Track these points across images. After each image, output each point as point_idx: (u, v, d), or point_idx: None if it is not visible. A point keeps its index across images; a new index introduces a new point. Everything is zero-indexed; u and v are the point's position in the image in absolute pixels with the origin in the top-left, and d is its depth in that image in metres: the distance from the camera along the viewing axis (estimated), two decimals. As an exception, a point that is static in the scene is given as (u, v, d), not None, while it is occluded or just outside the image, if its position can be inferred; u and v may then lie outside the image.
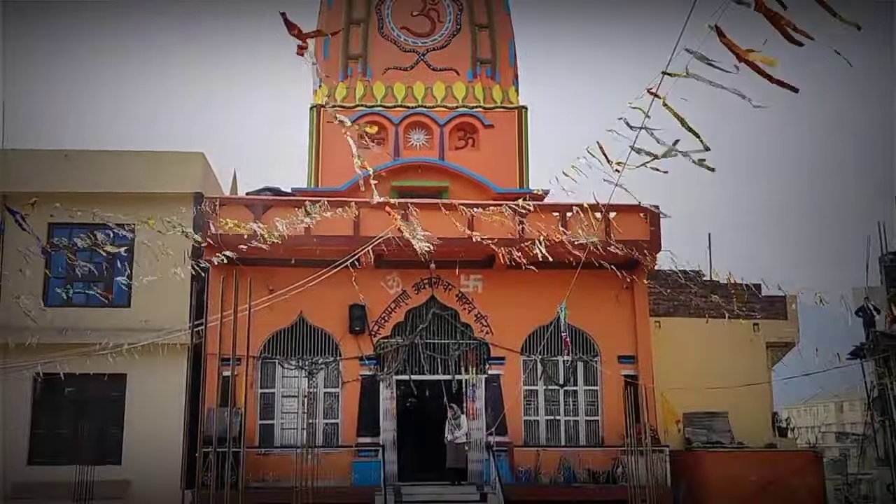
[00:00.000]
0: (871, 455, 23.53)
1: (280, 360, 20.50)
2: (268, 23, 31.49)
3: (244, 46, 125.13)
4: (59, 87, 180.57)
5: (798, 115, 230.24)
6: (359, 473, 19.54)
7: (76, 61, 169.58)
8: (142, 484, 19.30)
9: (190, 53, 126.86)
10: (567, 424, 21.01)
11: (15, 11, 19.99)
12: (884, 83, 46.59)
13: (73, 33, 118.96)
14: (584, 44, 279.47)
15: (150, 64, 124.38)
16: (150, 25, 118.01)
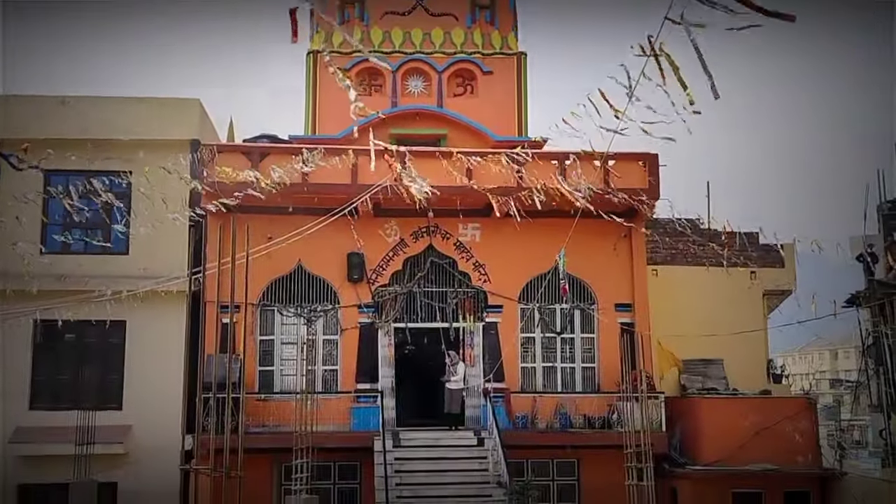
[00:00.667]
0: (864, 402, 23.79)
1: (279, 308, 20.60)
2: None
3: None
4: (57, 39, 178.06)
5: (797, 65, 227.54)
6: (357, 419, 19.79)
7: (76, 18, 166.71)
8: (142, 428, 19.54)
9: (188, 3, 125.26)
10: (563, 371, 21.21)
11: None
12: (884, 34, 46.04)
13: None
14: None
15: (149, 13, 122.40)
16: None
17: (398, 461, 18.34)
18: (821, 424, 20.64)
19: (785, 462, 19.36)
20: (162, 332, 19.93)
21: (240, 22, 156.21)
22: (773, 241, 22.47)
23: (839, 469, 20.05)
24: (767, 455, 19.27)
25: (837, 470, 19.90)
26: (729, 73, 29.49)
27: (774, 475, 19.18)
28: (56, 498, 18.48)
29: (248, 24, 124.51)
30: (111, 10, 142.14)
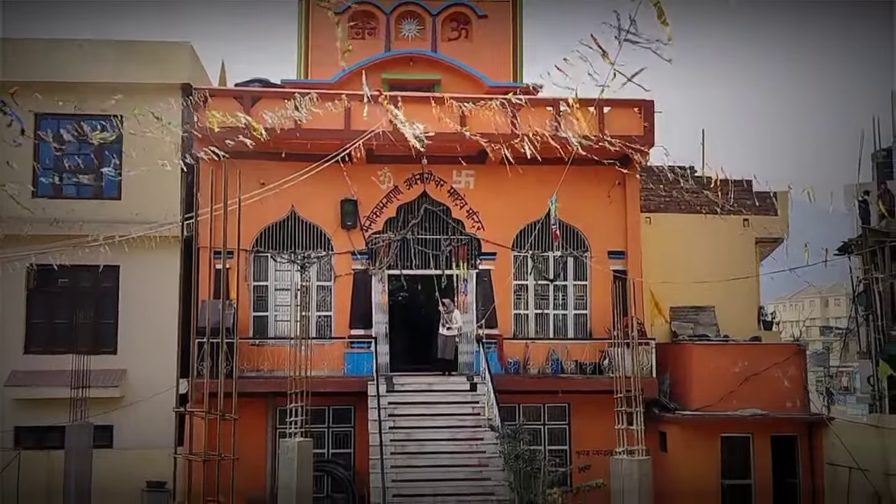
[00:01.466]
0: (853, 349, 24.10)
1: (272, 254, 20.61)
2: None
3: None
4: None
5: (795, 14, 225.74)
6: (351, 364, 19.97)
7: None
8: (137, 372, 19.72)
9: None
10: (556, 318, 21.34)
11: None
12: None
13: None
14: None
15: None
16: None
17: (391, 405, 18.54)
18: (809, 371, 20.90)
19: (773, 407, 19.62)
20: (156, 278, 19.99)
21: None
22: (766, 189, 22.54)
23: (826, 414, 20.36)
24: (756, 401, 19.53)
25: (825, 415, 20.21)
26: (726, 23, 29.21)
27: (762, 420, 19.46)
28: (52, 440, 18.71)
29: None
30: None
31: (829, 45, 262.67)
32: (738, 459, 19.67)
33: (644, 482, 10.17)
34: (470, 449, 17.82)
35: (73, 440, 15.85)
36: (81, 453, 15.87)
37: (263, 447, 19.52)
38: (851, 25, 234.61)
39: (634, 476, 10.17)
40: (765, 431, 19.73)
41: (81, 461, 15.83)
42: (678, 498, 18.85)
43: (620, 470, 10.38)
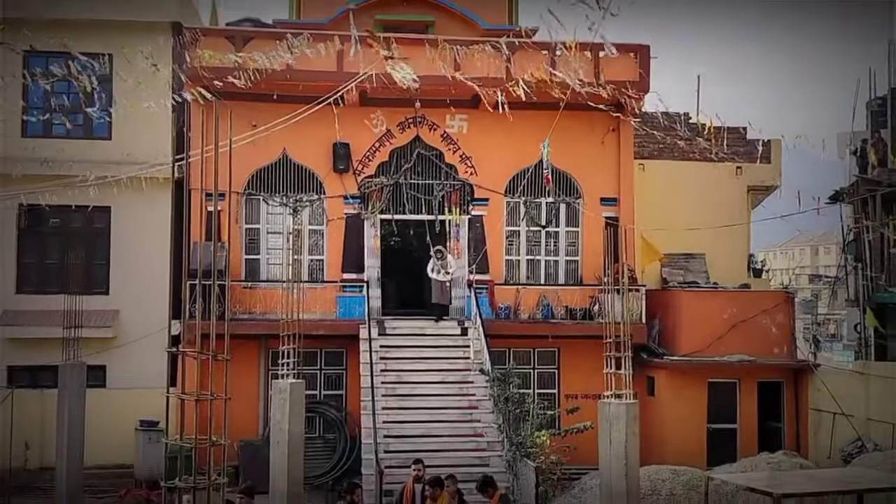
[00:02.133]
0: (841, 297, 24.30)
1: (264, 197, 20.53)
2: None
3: None
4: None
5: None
6: (343, 307, 20.08)
7: None
8: (130, 313, 19.78)
9: None
10: (547, 264, 21.43)
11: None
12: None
13: None
14: None
15: None
16: None
17: (383, 349, 18.69)
18: (798, 318, 21.11)
19: (760, 354, 19.86)
20: (147, 219, 19.93)
21: None
22: (759, 137, 22.45)
23: (813, 361, 20.64)
24: (744, 347, 19.76)
25: (811, 362, 20.48)
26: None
27: (749, 366, 19.71)
28: (45, 379, 18.85)
29: None
30: None
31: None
32: (725, 404, 19.98)
33: (631, 425, 10.31)
34: (460, 392, 18.02)
35: (67, 379, 15.91)
36: (75, 392, 15.95)
37: (256, 389, 19.74)
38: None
39: (622, 419, 10.31)
40: (751, 377, 20.01)
41: (75, 400, 15.92)
42: (665, 441, 19.17)
43: (608, 413, 10.51)
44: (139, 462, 18.34)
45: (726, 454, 18.67)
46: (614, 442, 10.33)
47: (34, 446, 18.92)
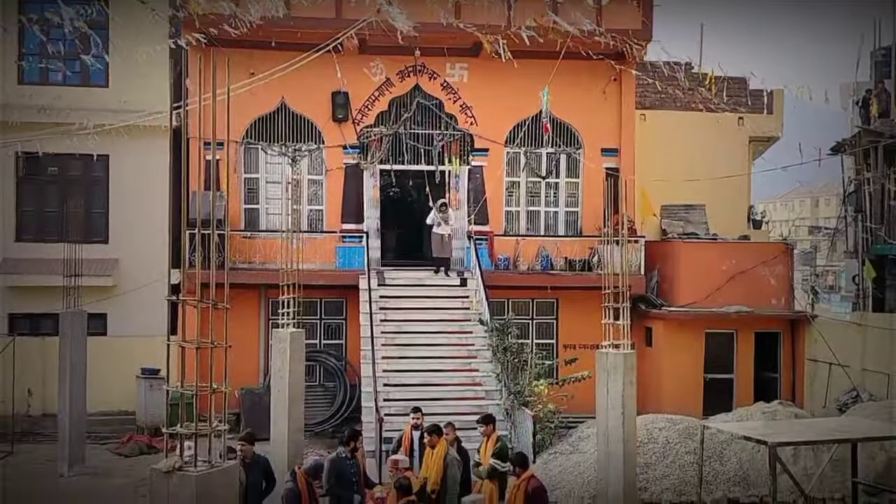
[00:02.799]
0: (840, 248, 24.32)
1: (263, 146, 20.42)
2: None
3: None
4: None
5: None
6: (343, 258, 20.10)
7: None
8: (129, 262, 19.81)
9: None
10: (547, 215, 21.40)
11: None
12: None
13: None
14: None
15: None
16: None
17: (383, 299, 18.75)
18: (796, 269, 21.13)
19: (758, 305, 19.95)
20: (145, 168, 19.86)
21: None
22: (762, 87, 22.28)
23: (810, 312, 20.71)
24: (742, 298, 19.84)
25: (808, 313, 20.56)
26: None
27: (747, 317, 19.81)
28: (46, 327, 18.96)
29: None
30: None
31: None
32: (722, 354, 20.13)
33: (628, 374, 10.39)
34: (459, 342, 18.14)
35: (68, 327, 16.01)
36: (76, 340, 16.07)
37: (256, 338, 19.87)
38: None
39: (619, 368, 10.38)
40: (749, 328, 20.12)
41: (76, 348, 16.04)
42: (662, 390, 19.36)
43: (606, 363, 10.58)
44: (141, 409, 18.54)
45: (722, 404, 18.85)
46: (611, 391, 10.42)
47: (36, 393, 19.09)
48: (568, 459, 13.55)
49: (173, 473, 5.27)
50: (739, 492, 12.34)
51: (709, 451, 12.84)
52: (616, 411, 10.33)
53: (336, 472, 10.35)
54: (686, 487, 12.35)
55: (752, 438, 6.68)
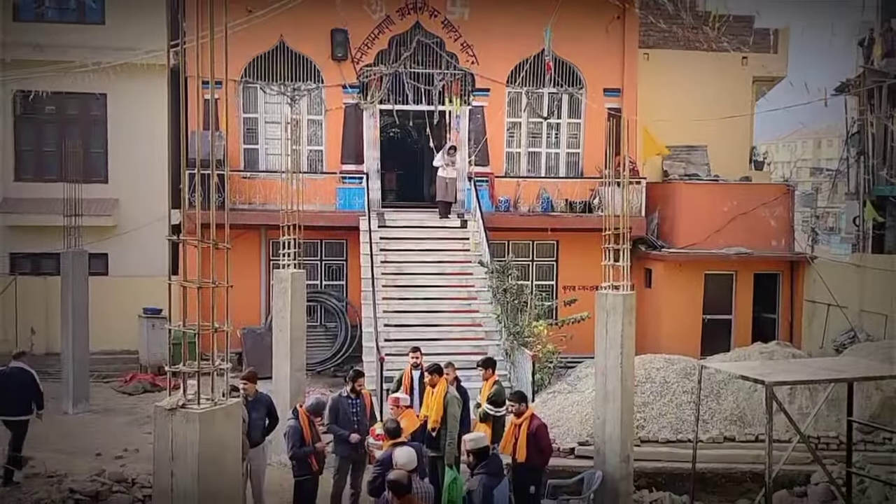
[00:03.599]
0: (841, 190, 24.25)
1: (261, 86, 20.22)
2: None
3: None
4: None
5: None
6: (343, 199, 20.05)
7: None
8: (129, 202, 19.78)
9: None
10: (548, 156, 21.29)
11: None
12: None
13: None
14: None
15: None
16: None
17: (383, 240, 18.76)
18: (797, 211, 21.10)
19: (758, 246, 19.98)
20: (144, 107, 19.67)
21: None
22: (766, 26, 21.97)
23: (810, 253, 20.75)
24: (742, 239, 19.87)
25: (808, 254, 20.60)
26: None
27: (747, 258, 19.86)
28: (48, 267, 19.01)
29: None
30: None
31: None
32: (721, 296, 20.23)
33: (627, 315, 10.44)
34: (459, 283, 18.20)
35: (69, 267, 16.06)
36: (77, 280, 16.13)
37: (258, 278, 19.94)
38: None
39: (618, 309, 10.43)
40: (748, 269, 20.19)
41: (78, 287, 16.11)
42: (660, 331, 19.50)
43: (605, 304, 10.62)
44: (143, 348, 18.71)
45: (721, 344, 19.01)
46: (610, 331, 10.49)
47: (39, 332, 19.24)
48: (566, 399, 13.71)
49: (177, 411, 5.33)
50: (735, 430, 12.52)
51: (706, 391, 13.00)
52: (615, 351, 10.41)
53: (336, 411, 10.48)
54: (683, 426, 12.52)
55: (750, 378, 6.74)
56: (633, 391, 10.92)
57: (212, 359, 5.61)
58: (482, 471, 7.60)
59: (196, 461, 5.31)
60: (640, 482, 11.60)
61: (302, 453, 9.73)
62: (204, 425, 5.33)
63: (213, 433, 5.41)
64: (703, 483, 11.69)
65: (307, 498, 9.91)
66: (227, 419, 5.55)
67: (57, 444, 13.98)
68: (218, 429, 5.45)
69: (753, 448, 12.13)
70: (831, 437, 12.30)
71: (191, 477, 5.33)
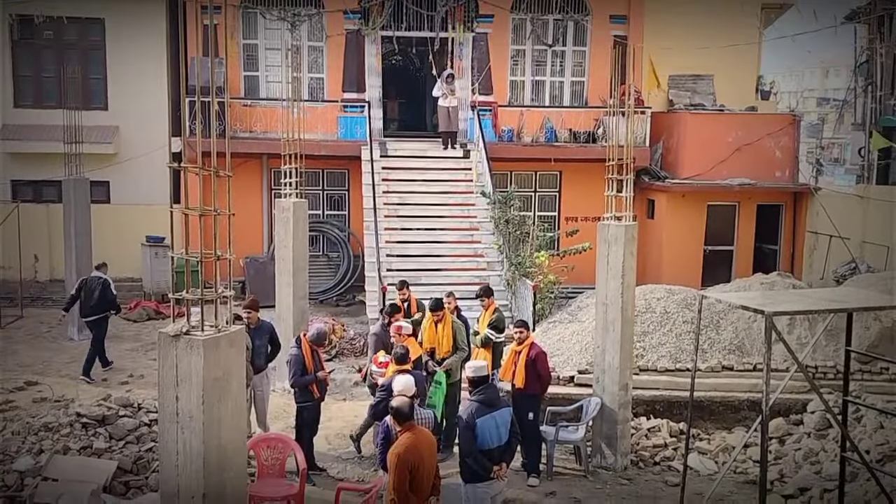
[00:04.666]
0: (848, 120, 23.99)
1: (262, 11, 19.87)
2: None
3: None
4: None
5: None
6: (345, 128, 19.88)
7: None
8: (130, 130, 19.63)
9: None
10: (552, 85, 21.04)
11: None
12: None
13: None
14: None
15: None
16: None
17: (385, 170, 18.68)
18: (802, 142, 20.93)
19: (762, 177, 19.89)
20: (143, 33, 19.39)
21: None
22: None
23: (814, 184, 20.67)
24: (746, 170, 19.77)
25: (812, 185, 20.52)
26: None
27: (750, 189, 19.79)
28: (50, 194, 18.99)
29: None
30: None
31: None
32: (723, 227, 20.23)
33: (629, 246, 10.44)
34: (461, 213, 18.18)
35: (70, 194, 16.05)
36: (79, 207, 16.14)
37: (260, 207, 19.92)
38: None
39: (620, 240, 10.43)
40: (751, 200, 20.14)
41: (80, 215, 16.13)
42: (662, 262, 19.55)
43: (607, 234, 10.61)
44: (147, 276, 18.82)
45: (721, 275, 19.08)
46: (612, 262, 10.51)
47: (43, 259, 19.34)
48: (566, 328, 13.82)
49: (181, 337, 5.37)
50: (734, 360, 12.64)
51: (706, 321, 13.09)
52: (615, 281, 10.45)
53: (381, 341, 10.64)
54: (682, 355, 12.65)
55: (749, 308, 6.77)
56: (634, 321, 10.99)
57: (215, 286, 5.63)
58: (475, 398, 7.71)
59: (200, 387, 5.38)
60: (638, 410, 11.77)
61: (304, 381, 9.85)
62: (208, 352, 5.38)
63: (217, 359, 5.46)
64: (701, 411, 11.86)
65: (309, 423, 10.09)
66: (231, 346, 5.60)
67: (63, 369, 14.20)
68: (222, 355, 5.50)
69: (751, 377, 12.28)
70: (829, 367, 12.44)
71: (195, 403, 5.40)
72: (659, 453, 11.09)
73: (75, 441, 9.36)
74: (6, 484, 8.78)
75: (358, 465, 10.51)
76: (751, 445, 10.90)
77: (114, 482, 8.90)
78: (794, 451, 10.72)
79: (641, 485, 10.25)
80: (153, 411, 9.95)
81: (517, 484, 9.93)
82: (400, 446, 6.82)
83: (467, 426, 7.54)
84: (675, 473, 10.36)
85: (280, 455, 9.05)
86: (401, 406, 7.03)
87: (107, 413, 9.86)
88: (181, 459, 5.51)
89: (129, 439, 9.61)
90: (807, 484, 9.57)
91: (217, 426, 5.51)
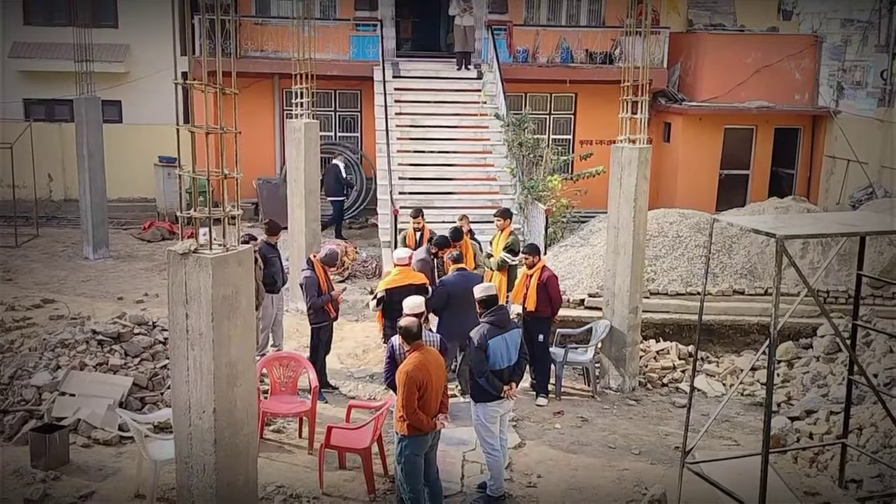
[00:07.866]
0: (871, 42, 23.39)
1: (272, -75, 19.40)
2: None
3: None
4: None
5: None
6: (357, 47, 19.58)
7: None
8: (141, 49, 19.43)
9: None
10: (569, 4, 20.60)
11: None
12: None
13: None
14: None
15: None
16: None
17: (398, 91, 18.46)
18: (824, 64, 20.46)
19: (781, 100, 19.57)
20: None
21: None
22: None
23: (834, 108, 20.29)
24: (765, 93, 19.43)
25: (831, 108, 20.15)
26: None
27: (768, 112, 19.48)
28: (62, 114, 18.92)
29: None
30: None
31: None
32: (739, 150, 20.00)
33: (642, 169, 10.33)
34: (474, 136, 18.02)
35: (83, 113, 15.98)
36: (92, 126, 16.09)
37: (271, 128, 19.80)
38: None
39: (633, 163, 10.32)
40: (769, 123, 19.86)
41: (93, 134, 16.09)
42: (677, 186, 19.42)
43: (620, 157, 10.49)
44: (160, 196, 18.87)
45: (737, 199, 18.94)
46: (624, 185, 10.42)
47: (57, 178, 19.40)
48: (578, 252, 13.80)
49: (189, 256, 5.40)
50: (745, 284, 12.63)
51: (718, 245, 13.05)
52: (628, 204, 10.37)
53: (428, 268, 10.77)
54: (693, 279, 12.64)
55: (761, 231, 6.70)
56: (645, 245, 10.95)
57: (223, 205, 5.63)
58: (487, 319, 7.76)
59: (209, 304, 5.43)
60: (648, 332, 11.83)
61: (321, 301, 9.92)
62: (216, 270, 5.41)
63: (226, 277, 5.49)
64: (711, 334, 11.90)
65: (325, 342, 10.21)
66: (240, 265, 5.62)
67: (79, 288, 14.36)
68: (230, 273, 5.53)
69: (762, 301, 12.28)
70: (840, 292, 12.42)
71: (205, 320, 5.46)
72: (667, 375, 11.19)
73: (91, 357, 9.53)
74: (25, 398, 8.99)
75: (369, 384, 10.67)
76: (759, 368, 10.95)
77: (129, 398, 9.10)
78: (802, 375, 10.78)
79: (648, 405, 10.37)
80: (167, 329, 10.09)
81: (526, 403, 10.07)
82: (409, 364, 6.91)
83: (479, 347, 7.61)
84: (683, 395, 10.46)
85: (293, 373, 9.20)
86: (409, 325, 7.09)
87: (122, 331, 10.02)
88: (192, 375, 5.60)
89: (144, 356, 9.78)
90: (813, 406, 9.64)
91: (227, 343, 5.58)
